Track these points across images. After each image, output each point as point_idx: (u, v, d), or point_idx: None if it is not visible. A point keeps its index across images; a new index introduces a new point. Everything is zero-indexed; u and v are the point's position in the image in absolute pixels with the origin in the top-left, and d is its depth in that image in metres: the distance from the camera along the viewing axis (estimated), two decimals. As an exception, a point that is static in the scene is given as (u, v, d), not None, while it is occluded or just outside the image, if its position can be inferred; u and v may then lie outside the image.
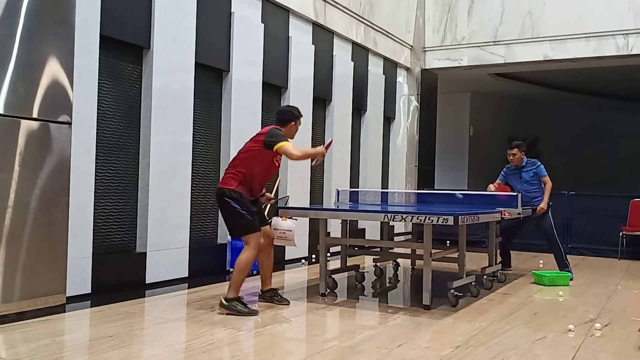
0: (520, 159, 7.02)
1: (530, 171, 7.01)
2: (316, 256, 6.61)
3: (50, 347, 3.54)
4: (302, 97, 7.82)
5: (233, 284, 4.51)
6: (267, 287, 4.96)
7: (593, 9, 9.46)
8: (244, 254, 4.54)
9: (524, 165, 7.04)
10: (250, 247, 4.54)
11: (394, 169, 10.58)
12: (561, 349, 3.83)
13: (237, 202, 4.54)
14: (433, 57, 10.79)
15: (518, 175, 7.06)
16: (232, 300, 4.48)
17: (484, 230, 7.35)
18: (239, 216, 4.56)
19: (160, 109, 5.73)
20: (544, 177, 6.98)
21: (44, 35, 4.42)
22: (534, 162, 7.06)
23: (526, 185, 6.96)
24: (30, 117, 4.31)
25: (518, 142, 7.11)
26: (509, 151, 7.07)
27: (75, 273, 4.84)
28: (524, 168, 7.03)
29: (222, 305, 4.48)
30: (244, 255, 4.53)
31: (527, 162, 7.05)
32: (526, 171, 7.02)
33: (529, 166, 7.05)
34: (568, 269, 6.83)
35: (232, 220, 4.63)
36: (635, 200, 9.03)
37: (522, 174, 7.03)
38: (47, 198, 4.40)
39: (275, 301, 4.89)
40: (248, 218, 4.55)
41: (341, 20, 8.66)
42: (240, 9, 6.74)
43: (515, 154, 7.00)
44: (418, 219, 4.76)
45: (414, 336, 4.06)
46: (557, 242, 6.88)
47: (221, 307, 4.49)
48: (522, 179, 7.02)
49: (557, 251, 6.89)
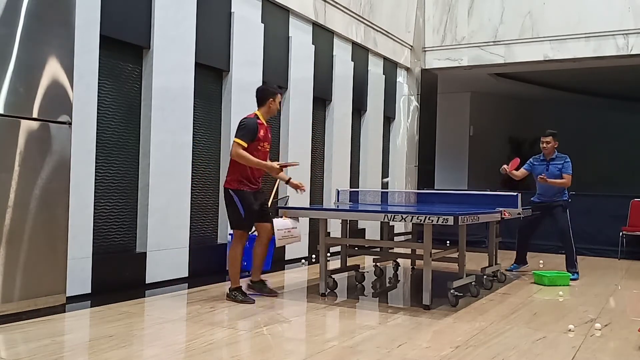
0: (552, 148, 6.71)
1: (559, 165, 6.70)
2: (316, 256, 6.61)
3: (50, 347, 3.54)
4: (302, 97, 7.82)
5: (230, 276, 5.02)
6: (257, 278, 5.27)
7: (593, 9, 9.46)
8: (231, 249, 5.02)
9: (553, 157, 6.74)
10: (235, 241, 4.97)
11: (394, 169, 10.58)
12: (561, 349, 3.83)
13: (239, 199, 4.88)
14: (433, 57, 10.79)
15: (545, 167, 6.73)
16: (233, 290, 4.96)
17: (484, 230, 7.34)
18: (236, 211, 4.91)
19: (160, 109, 5.73)
20: (568, 174, 6.66)
21: (44, 35, 4.43)
22: (564, 157, 6.76)
23: (551, 178, 6.65)
24: (30, 117, 4.31)
25: (553, 131, 6.77)
26: (542, 139, 6.73)
27: (75, 273, 4.84)
28: (553, 160, 6.73)
29: (227, 296, 5.00)
30: (231, 251, 5.03)
31: (557, 155, 6.76)
32: (555, 164, 6.71)
33: (558, 160, 6.73)
34: (575, 269, 6.73)
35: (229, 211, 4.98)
36: (635, 200, 9.03)
37: (549, 165, 6.72)
38: (47, 198, 4.40)
39: (264, 292, 5.22)
40: (242, 216, 4.90)
41: (341, 20, 8.66)
42: (240, 9, 6.74)
43: (549, 142, 6.69)
44: (418, 219, 4.76)
45: (414, 336, 4.06)
46: (571, 241, 6.71)
47: (227, 297, 4.99)
48: (548, 170, 6.70)
49: (570, 250, 6.74)
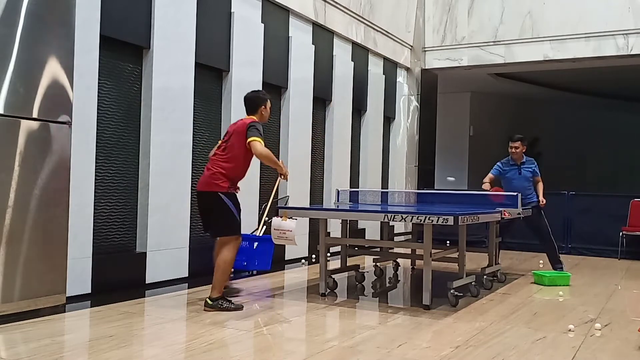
0: (522, 153, 6.86)
1: (530, 168, 6.87)
2: (316, 256, 6.61)
3: (50, 347, 3.54)
4: (302, 97, 7.82)
5: (217, 284, 4.60)
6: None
7: (593, 9, 9.46)
8: (227, 254, 4.62)
9: (524, 161, 6.89)
10: (232, 248, 4.64)
11: (394, 169, 10.58)
12: (561, 349, 3.83)
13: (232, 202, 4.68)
14: (433, 57, 10.79)
15: (517, 171, 6.86)
16: (216, 299, 4.57)
17: (484, 230, 7.34)
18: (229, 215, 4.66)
19: (160, 109, 5.73)
20: (538, 177, 6.89)
21: (44, 35, 4.42)
22: (532, 160, 6.96)
23: (524, 182, 6.81)
24: (30, 117, 4.31)
25: (520, 136, 6.90)
26: (510, 144, 6.85)
27: (75, 273, 4.84)
28: (523, 164, 6.87)
29: (207, 305, 4.59)
30: (228, 256, 4.62)
31: (526, 159, 6.93)
32: (526, 168, 6.87)
33: (528, 163, 6.91)
34: (561, 265, 6.89)
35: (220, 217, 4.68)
36: (635, 200, 9.02)
37: (521, 169, 6.85)
38: (47, 198, 4.40)
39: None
40: (237, 218, 4.69)
41: (341, 20, 8.66)
42: (240, 9, 6.74)
43: (518, 147, 6.81)
44: (418, 219, 4.75)
45: (414, 336, 4.06)
46: (550, 238, 6.88)
47: (206, 307, 4.58)
48: (521, 174, 6.83)
49: (552, 249, 6.91)
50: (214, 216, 4.71)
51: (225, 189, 4.64)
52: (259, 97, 4.91)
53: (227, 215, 4.65)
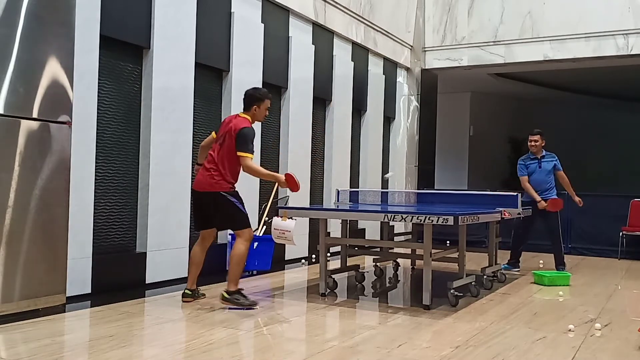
0: (541, 147, 6.82)
1: (551, 162, 6.81)
2: (316, 256, 6.61)
3: (50, 347, 3.54)
4: (302, 97, 7.83)
5: (233, 278, 4.66)
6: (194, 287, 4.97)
7: (593, 9, 9.46)
8: (240, 247, 4.67)
9: (543, 154, 6.84)
10: (245, 240, 4.69)
11: (394, 169, 10.57)
12: (561, 349, 3.83)
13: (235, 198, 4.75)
14: (433, 57, 10.79)
15: (537, 165, 6.84)
16: (233, 293, 4.63)
17: (484, 230, 7.34)
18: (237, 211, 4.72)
19: (160, 109, 5.73)
20: (561, 171, 6.83)
21: (44, 35, 4.42)
22: (553, 155, 6.90)
23: (545, 176, 6.77)
24: (30, 117, 4.31)
25: (539, 130, 6.87)
26: (530, 137, 6.81)
27: (75, 273, 4.84)
28: (543, 158, 6.83)
29: (224, 299, 4.65)
30: (241, 248, 4.67)
31: (545, 153, 6.87)
32: (547, 161, 6.82)
33: (548, 157, 6.85)
34: (564, 267, 6.92)
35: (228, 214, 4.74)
36: (635, 200, 9.03)
37: (541, 163, 6.82)
38: (47, 198, 4.40)
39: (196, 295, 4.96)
40: (244, 213, 4.75)
41: (341, 20, 8.66)
42: (240, 9, 6.74)
43: (537, 140, 6.78)
44: (418, 219, 4.75)
45: (414, 336, 4.06)
46: (560, 240, 6.89)
47: (223, 301, 4.65)
48: (541, 168, 6.81)
49: (559, 249, 6.91)
50: (222, 215, 4.77)
51: (227, 189, 4.72)
52: (254, 95, 4.90)
53: (235, 211, 4.73)
